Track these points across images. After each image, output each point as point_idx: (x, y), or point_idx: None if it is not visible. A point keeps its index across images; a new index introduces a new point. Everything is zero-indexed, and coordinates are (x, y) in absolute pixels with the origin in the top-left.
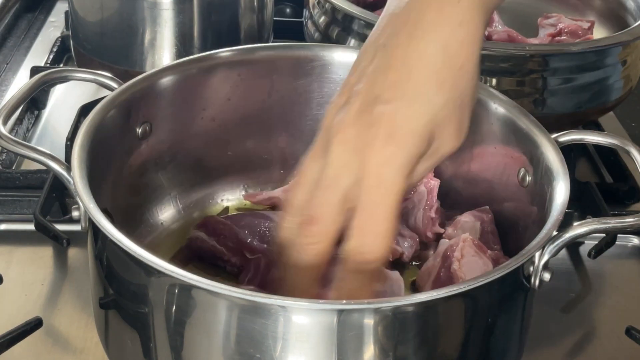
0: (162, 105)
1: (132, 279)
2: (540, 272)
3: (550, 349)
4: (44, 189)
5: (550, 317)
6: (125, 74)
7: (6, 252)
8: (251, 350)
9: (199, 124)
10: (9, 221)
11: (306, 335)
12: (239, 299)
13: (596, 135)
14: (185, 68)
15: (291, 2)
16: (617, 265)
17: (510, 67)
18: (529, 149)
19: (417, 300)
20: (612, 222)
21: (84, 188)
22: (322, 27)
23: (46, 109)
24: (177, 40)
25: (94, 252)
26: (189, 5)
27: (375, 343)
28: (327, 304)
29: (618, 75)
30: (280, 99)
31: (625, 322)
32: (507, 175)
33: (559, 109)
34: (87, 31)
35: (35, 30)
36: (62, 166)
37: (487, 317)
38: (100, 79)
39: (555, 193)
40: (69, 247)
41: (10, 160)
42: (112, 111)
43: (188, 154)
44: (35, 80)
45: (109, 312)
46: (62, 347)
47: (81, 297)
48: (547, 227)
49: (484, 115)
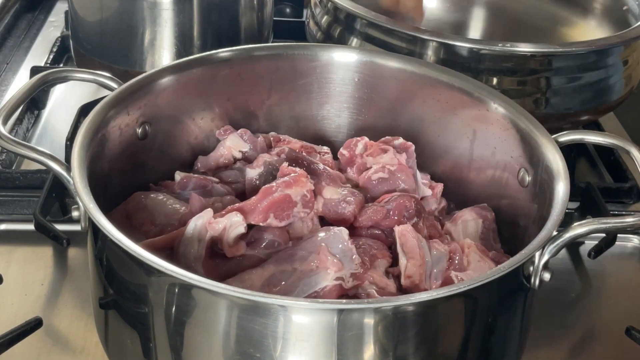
0: (162, 105)
1: (132, 279)
2: (540, 272)
3: (550, 349)
4: (44, 189)
5: (550, 317)
6: (125, 74)
7: (6, 252)
8: (251, 350)
9: (198, 124)
10: (9, 221)
11: (306, 335)
12: (239, 299)
13: (596, 135)
14: (185, 68)
15: (291, 2)
16: (617, 265)
17: (512, 67)
18: (529, 149)
19: (417, 300)
20: (612, 222)
21: (84, 188)
22: (324, 26)
23: (46, 109)
24: (177, 40)
25: (94, 252)
26: (189, 5)
27: (375, 343)
28: (327, 303)
29: (619, 75)
30: (280, 99)
31: (625, 322)
32: (507, 175)
33: (560, 109)
34: (87, 31)
35: (35, 30)
36: (62, 166)
37: (487, 317)
38: (100, 79)
39: (555, 193)
40: (69, 247)
41: (10, 160)
42: (112, 111)
43: (188, 153)
44: (35, 80)
45: (109, 312)
46: (62, 347)
47: (81, 297)
48: (547, 227)
49: (484, 115)
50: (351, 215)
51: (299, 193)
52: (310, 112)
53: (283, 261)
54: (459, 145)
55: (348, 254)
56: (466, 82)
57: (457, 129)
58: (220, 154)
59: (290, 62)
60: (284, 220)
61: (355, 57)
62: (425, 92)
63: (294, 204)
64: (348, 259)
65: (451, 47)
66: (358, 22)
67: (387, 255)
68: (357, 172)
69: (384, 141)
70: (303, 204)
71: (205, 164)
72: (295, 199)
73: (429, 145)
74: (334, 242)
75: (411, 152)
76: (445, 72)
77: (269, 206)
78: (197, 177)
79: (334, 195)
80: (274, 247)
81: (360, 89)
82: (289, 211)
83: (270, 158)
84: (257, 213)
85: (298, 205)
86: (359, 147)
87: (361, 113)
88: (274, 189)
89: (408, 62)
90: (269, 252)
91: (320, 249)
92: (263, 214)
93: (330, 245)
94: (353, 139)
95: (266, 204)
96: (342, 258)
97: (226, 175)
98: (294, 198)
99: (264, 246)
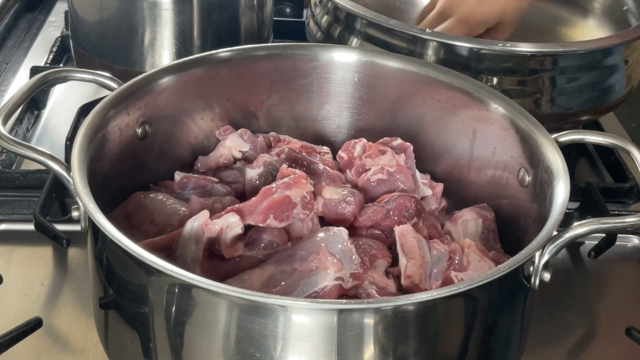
0: (162, 105)
1: (132, 279)
2: (540, 272)
3: (550, 349)
4: (44, 189)
5: (550, 317)
6: (125, 74)
7: (6, 252)
8: (251, 350)
9: (198, 124)
10: (9, 221)
11: (306, 335)
12: (239, 299)
13: (596, 135)
14: (185, 68)
15: (291, 1)
16: (617, 265)
17: (512, 67)
18: (529, 149)
19: (417, 300)
20: (612, 222)
21: (84, 188)
22: (324, 26)
23: (46, 109)
24: (177, 40)
25: (93, 252)
26: (189, 5)
27: (375, 343)
28: (327, 303)
29: (620, 74)
30: (280, 99)
31: (625, 322)
32: (507, 175)
33: (561, 109)
34: (87, 31)
35: (35, 30)
36: (62, 166)
37: (487, 317)
38: (100, 79)
39: (555, 193)
40: (69, 247)
41: (10, 160)
42: (112, 111)
43: (188, 153)
44: (35, 80)
45: (109, 312)
46: (62, 347)
47: (81, 297)
48: (547, 227)
49: (484, 115)
50: (351, 215)
51: (298, 194)
52: (310, 112)
53: (282, 261)
54: (459, 145)
55: (348, 254)
56: (466, 82)
57: (457, 129)
58: (220, 154)
59: (290, 62)
60: (283, 222)
61: (355, 57)
62: (425, 92)
63: (294, 205)
64: (348, 259)
65: (451, 47)
66: (358, 22)
67: (387, 255)
68: (355, 174)
69: (382, 142)
70: (303, 205)
71: (205, 164)
72: (295, 200)
73: (428, 145)
74: (334, 242)
75: (410, 152)
76: (445, 72)
77: (268, 207)
78: (196, 177)
79: (334, 196)
80: (272, 248)
81: (360, 89)
82: (288, 212)
83: (270, 158)
84: (257, 214)
85: (298, 207)
86: (357, 149)
87: (361, 113)
88: (273, 190)
89: (408, 62)
90: (267, 253)
91: (320, 249)
92: (263, 214)
93: (330, 245)
94: (351, 141)
95: (266, 205)
96: (342, 258)
97: (226, 175)
98: (293, 199)
99: (262, 247)
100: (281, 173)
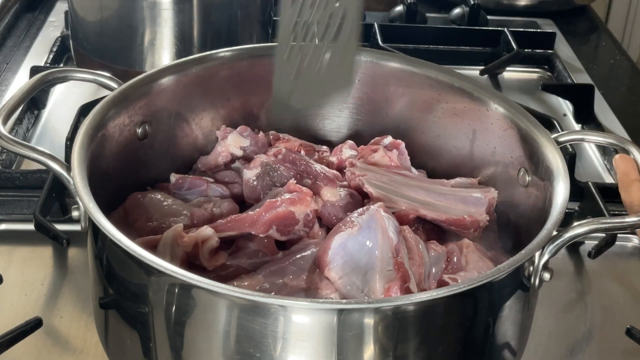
0: (162, 106)
1: (132, 279)
2: (540, 272)
3: (550, 349)
4: (44, 189)
5: (550, 317)
6: (125, 74)
7: (6, 252)
8: (251, 350)
9: (198, 123)
10: (9, 221)
11: (306, 335)
12: (239, 299)
13: (596, 135)
14: (185, 68)
15: None
16: (617, 265)
17: None
18: (529, 149)
19: (417, 300)
20: (612, 222)
21: (84, 188)
22: None
23: (46, 109)
24: (177, 40)
25: (93, 252)
26: (189, 5)
27: (375, 343)
28: (327, 303)
29: None
30: None
31: (625, 322)
32: (507, 175)
33: None
34: (86, 31)
35: (35, 30)
36: (62, 166)
37: (487, 317)
38: (100, 79)
39: (555, 193)
40: (69, 247)
41: (10, 160)
42: (112, 111)
43: (188, 153)
44: (35, 80)
45: (109, 312)
46: (62, 347)
47: (81, 297)
48: (547, 227)
49: (484, 115)
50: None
51: (302, 212)
52: (310, 111)
53: (272, 274)
54: (459, 145)
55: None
56: (466, 82)
57: (457, 129)
58: (219, 151)
59: None
60: (284, 235)
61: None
62: (426, 92)
63: (297, 221)
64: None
65: None
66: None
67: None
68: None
69: (373, 142)
70: (304, 223)
71: (206, 163)
72: (298, 217)
73: (429, 145)
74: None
75: (402, 149)
76: (446, 72)
77: (272, 219)
78: (191, 178)
79: (333, 197)
80: (257, 257)
81: (361, 88)
82: (290, 228)
83: (267, 159)
84: (259, 224)
85: (299, 224)
86: (345, 153)
87: (361, 113)
88: (278, 204)
89: (408, 62)
90: (252, 262)
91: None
92: (265, 225)
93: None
94: (338, 146)
95: (269, 217)
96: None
97: (222, 176)
98: (297, 216)
99: (247, 256)
100: (288, 188)
